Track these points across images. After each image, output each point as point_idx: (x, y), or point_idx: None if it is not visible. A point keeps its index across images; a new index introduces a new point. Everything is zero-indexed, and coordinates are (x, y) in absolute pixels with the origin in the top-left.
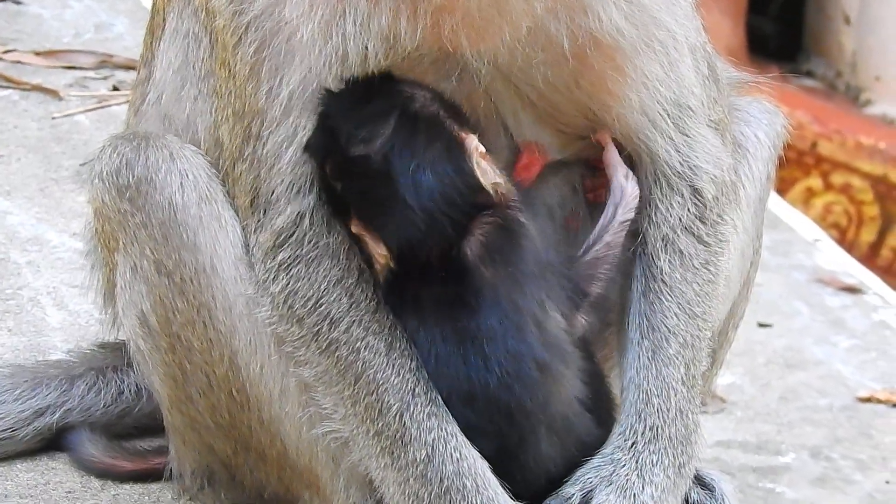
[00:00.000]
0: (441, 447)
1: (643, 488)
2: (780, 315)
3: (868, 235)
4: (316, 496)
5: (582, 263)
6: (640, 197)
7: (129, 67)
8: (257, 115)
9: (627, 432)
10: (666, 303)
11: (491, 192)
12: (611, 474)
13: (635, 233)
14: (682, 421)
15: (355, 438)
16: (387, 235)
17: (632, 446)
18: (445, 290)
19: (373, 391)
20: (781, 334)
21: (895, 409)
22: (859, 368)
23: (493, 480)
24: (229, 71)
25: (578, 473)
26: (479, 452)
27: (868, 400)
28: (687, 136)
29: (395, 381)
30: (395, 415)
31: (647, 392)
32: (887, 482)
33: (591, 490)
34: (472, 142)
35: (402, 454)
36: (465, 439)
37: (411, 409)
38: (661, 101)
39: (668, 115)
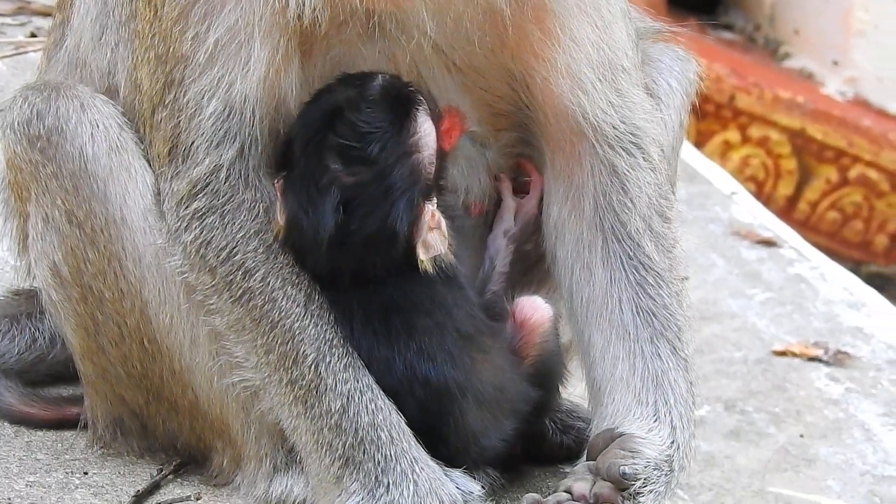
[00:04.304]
0: (357, 398)
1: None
2: (696, 267)
3: (785, 189)
4: (228, 446)
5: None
6: (604, 170)
7: (46, 14)
8: (181, 61)
9: (671, 436)
10: (668, 298)
11: (427, 266)
12: (664, 481)
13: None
14: None
15: (267, 387)
16: (290, 220)
17: (674, 453)
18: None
19: (288, 340)
20: (697, 286)
21: (810, 362)
22: (774, 322)
23: (408, 432)
24: (155, 11)
25: (645, 459)
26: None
27: (783, 353)
28: (625, 97)
29: (313, 332)
30: (311, 365)
31: (682, 396)
32: (801, 436)
33: (646, 480)
34: (427, 215)
35: (317, 404)
36: (381, 392)
37: (328, 359)
38: (593, 63)
39: (604, 77)
